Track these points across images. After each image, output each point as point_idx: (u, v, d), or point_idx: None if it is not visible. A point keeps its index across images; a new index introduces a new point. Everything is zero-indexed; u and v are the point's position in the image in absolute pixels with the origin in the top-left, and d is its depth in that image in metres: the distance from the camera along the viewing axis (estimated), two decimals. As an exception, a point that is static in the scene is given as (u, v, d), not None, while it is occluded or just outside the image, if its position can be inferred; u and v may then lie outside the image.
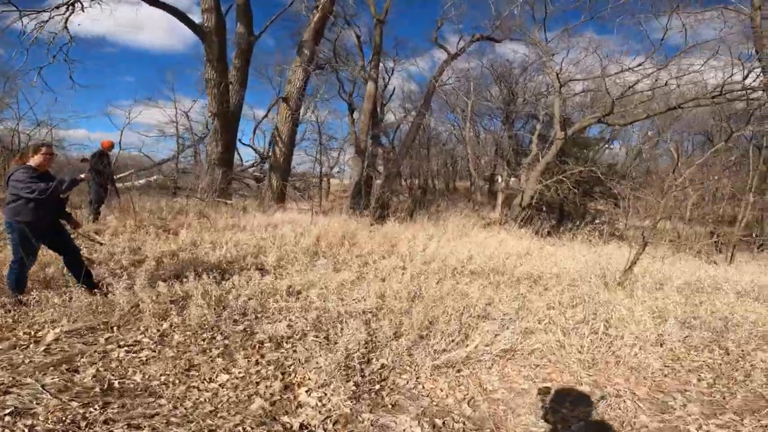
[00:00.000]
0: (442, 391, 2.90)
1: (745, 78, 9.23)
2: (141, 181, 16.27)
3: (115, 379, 2.68)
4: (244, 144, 22.49)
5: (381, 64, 24.02)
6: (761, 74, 11.86)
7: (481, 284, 4.73)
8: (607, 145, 20.86)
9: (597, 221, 12.67)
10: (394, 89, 25.97)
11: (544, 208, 11.35)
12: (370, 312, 3.92)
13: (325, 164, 25.77)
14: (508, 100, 23.16)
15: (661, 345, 3.68)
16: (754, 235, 12.03)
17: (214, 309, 3.96)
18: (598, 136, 20.33)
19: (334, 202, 21.44)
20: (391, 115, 29.05)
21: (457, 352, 3.09)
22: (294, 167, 27.07)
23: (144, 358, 3.05)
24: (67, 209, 4.19)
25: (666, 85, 9.95)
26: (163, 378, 2.78)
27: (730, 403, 3.01)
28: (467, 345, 3.13)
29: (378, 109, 23.91)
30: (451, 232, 7.37)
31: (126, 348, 3.18)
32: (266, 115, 13.27)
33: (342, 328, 3.66)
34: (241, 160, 24.00)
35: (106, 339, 3.31)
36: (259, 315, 3.93)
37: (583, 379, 3.11)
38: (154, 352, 3.16)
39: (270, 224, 7.43)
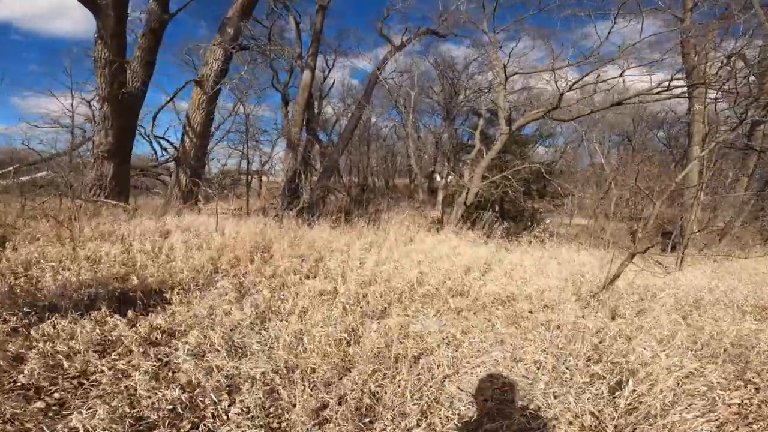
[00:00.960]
0: None
1: (688, 75, 9.08)
2: (24, 179, 13.23)
3: None
4: (157, 137, 19.76)
5: (322, 56, 22.48)
6: (684, 75, 12.18)
7: (439, 312, 3.49)
8: (541, 143, 21.03)
9: (548, 221, 12.20)
10: (333, 82, 24.41)
11: (497, 207, 10.60)
12: (278, 374, 2.48)
13: (257, 160, 23.57)
14: (450, 95, 22.69)
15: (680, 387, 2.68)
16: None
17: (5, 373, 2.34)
18: (534, 134, 20.38)
19: (266, 202, 19.41)
20: (330, 109, 27.65)
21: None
22: (224, 164, 24.38)
23: None
24: None
25: (621, 76, 9.57)
26: None
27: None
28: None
29: (316, 103, 22.22)
30: (393, 238, 6.10)
31: None
32: (169, 101, 11.03)
33: (227, 408, 2.22)
34: (155, 154, 21.08)
35: None
36: (82, 384, 2.35)
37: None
38: None
39: (162, 232, 5.62)
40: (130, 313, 3.25)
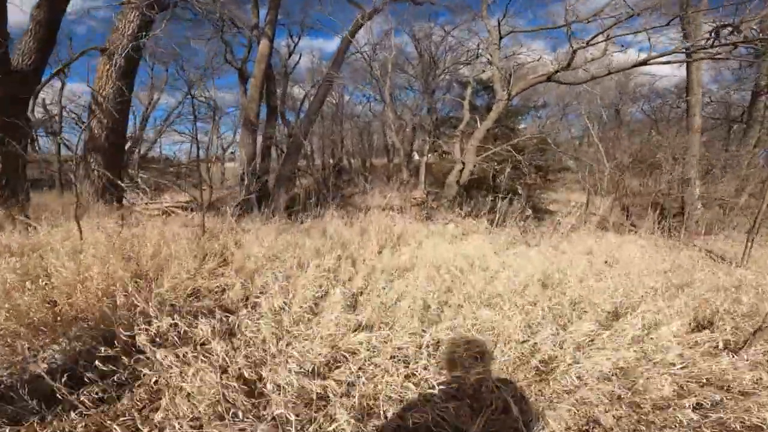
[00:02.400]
0: None
1: (733, 31, 7.19)
2: None
3: None
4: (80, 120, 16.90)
5: (286, 30, 19.91)
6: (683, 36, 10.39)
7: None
8: (533, 115, 19.07)
9: (573, 204, 10.20)
10: (300, 56, 21.70)
11: (519, 191, 8.63)
12: None
13: (214, 145, 21.00)
14: (429, 66, 20.48)
15: None
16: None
17: None
18: (524, 105, 18.35)
19: (229, 193, 16.96)
20: (298, 90, 25.14)
21: None
22: (168, 153, 21.55)
23: None
24: None
25: (657, 27, 7.61)
26: None
27: None
28: None
29: (281, 80, 19.61)
30: (375, 242, 4.04)
31: None
32: (56, 74, 8.45)
33: None
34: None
35: None
36: None
37: None
38: None
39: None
40: None
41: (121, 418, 1.75)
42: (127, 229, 4.61)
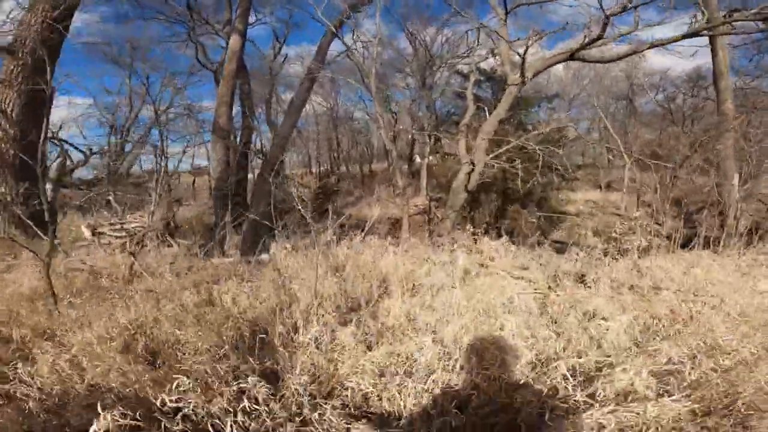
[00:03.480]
0: None
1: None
2: None
3: None
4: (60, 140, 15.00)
5: (272, 31, 18.28)
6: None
7: None
8: (547, 105, 17.02)
9: (637, 216, 7.89)
10: (286, 56, 19.90)
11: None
12: None
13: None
14: (426, 61, 18.75)
15: None
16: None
17: None
18: (533, 95, 16.28)
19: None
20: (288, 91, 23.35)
21: None
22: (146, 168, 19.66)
23: None
24: None
25: None
26: None
27: None
28: None
29: (268, 84, 17.91)
30: (332, 306, 2.21)
31: None
32: None
33: None
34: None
35: None
36: None
37: None
38: None
39: None
40: None
41: None
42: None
